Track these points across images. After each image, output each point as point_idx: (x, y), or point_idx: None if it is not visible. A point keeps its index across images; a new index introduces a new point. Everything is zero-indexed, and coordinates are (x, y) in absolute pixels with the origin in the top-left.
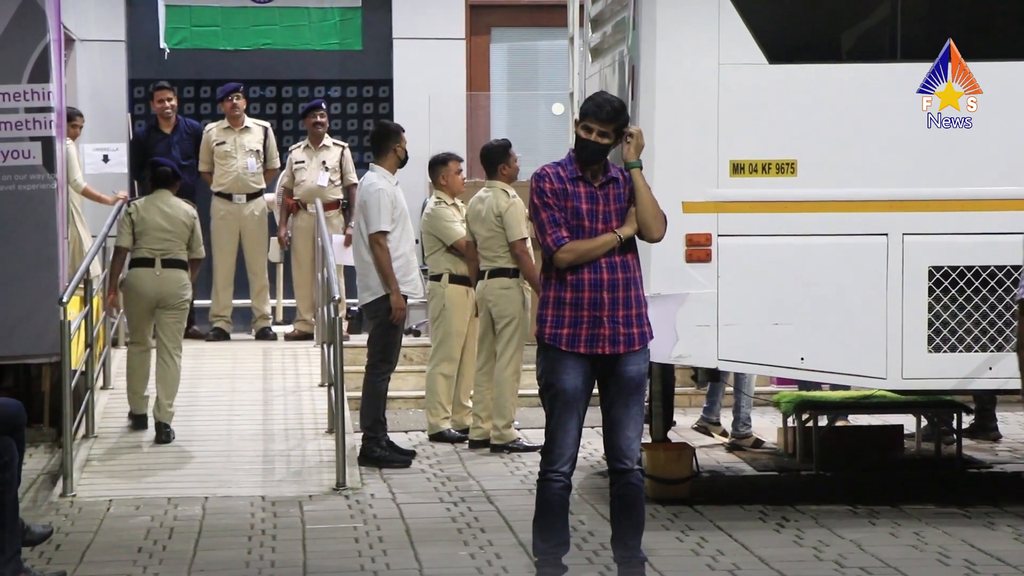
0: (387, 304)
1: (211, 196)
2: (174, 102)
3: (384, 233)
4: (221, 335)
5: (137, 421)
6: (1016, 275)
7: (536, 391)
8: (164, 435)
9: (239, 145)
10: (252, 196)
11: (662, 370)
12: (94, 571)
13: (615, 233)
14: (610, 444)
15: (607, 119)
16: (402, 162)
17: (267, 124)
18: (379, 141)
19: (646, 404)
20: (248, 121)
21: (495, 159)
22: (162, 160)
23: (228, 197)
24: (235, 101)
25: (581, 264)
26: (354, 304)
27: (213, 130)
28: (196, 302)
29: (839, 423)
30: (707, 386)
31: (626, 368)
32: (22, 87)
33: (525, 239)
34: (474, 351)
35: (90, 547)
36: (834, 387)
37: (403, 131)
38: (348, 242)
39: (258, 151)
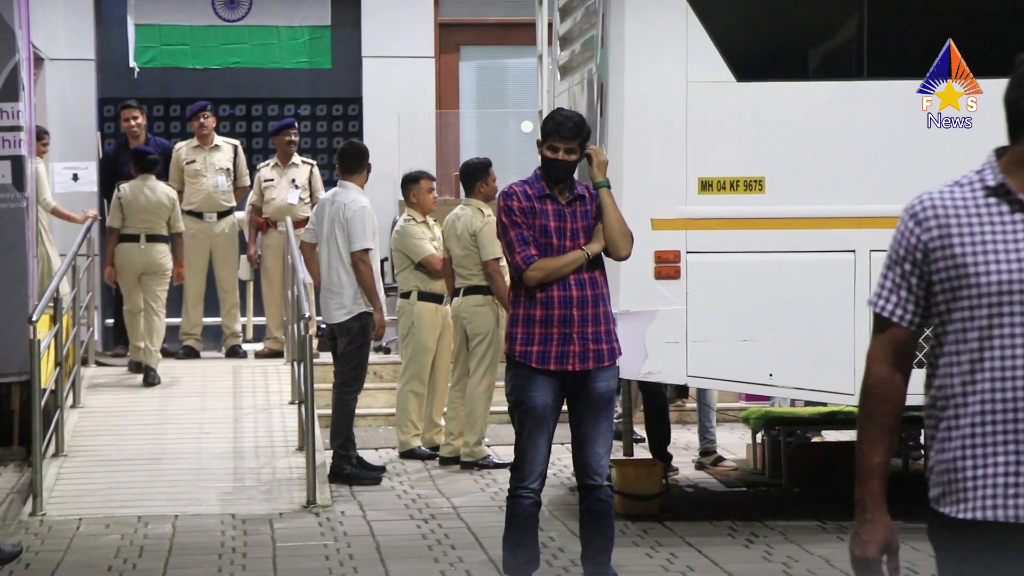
0: (361, 322)
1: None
2: (140, 120)
3: (368, 251)
4: (191, 353)
5: (137, 367)
6: None
7: (506, 408)
8: (150, 378)
9: (209, 164)
10: (223, 214)
11: (651, 387)
12: None
13: (583, 251)
14: (579, 460)
15: (571, 135)
16: None
17: (237, 142)
18: (354, 159)
19: (616, 420)
20: (218, 139)
21: (474, 176)
22: (145, 148)
23: (199, 215)
24: (203, 120)
25: (550, 282)
26: (323, 321)
27: (183, 149)
28: (175, 320)
29: (814, 439)
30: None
31: (595, 384)
32: None
33: (499, 258)
34: (446, 368)
35: (60, 566)
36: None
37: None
38: None
39: (228, 169)
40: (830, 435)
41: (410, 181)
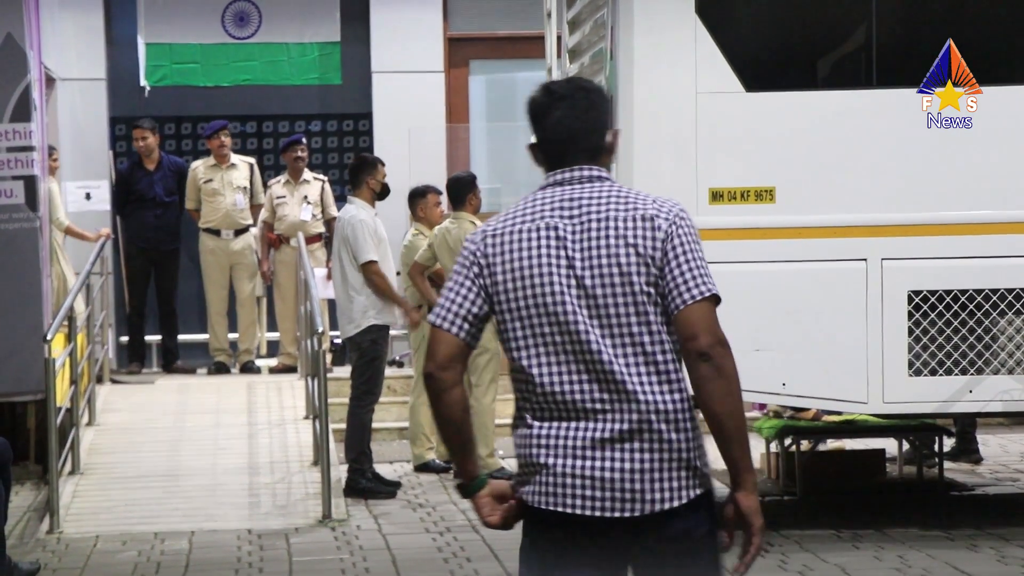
0: (371, 336)
1: (199, 232)
2: (149, 140)
3: (374, 262)
4: (222, 368)
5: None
6: (995, 298)
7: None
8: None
9: (226, 182)
10: (240, 232)
11: None
12: None
13: None
14: None
15: None
16: (380, 194)
17: (252, 160)
18: (354, 174)
19: None
20: (234, 158)
21: (465, 190)
22: None
23: (216, 233)
24: (223, 139)
25: None
26: (337, 337)
27: (200, 168)
28: (189, 336)
29: (832, 446)
30: None
31: None
32: (3, 126)
33: None
34: None
35: None
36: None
37: (381, 163)
38: (331, 275)
39: (245, 187)
40: (843, 444)
41: (417, 195)
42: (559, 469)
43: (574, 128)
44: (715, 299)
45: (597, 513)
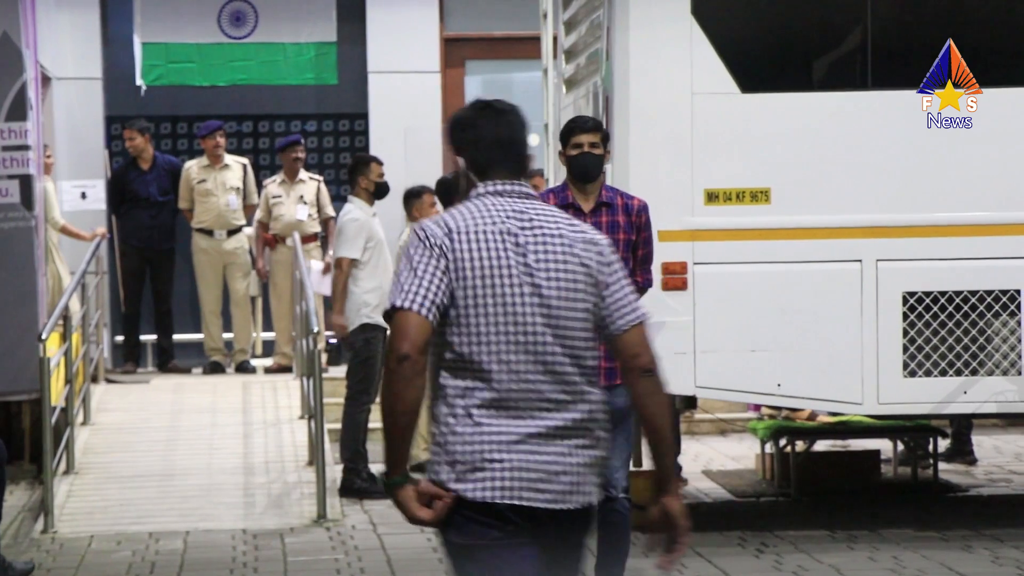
0: (365, 335)
1: (191, 232)
2: (136, 141)
3: (351, 260)
4: (217, 368)
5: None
6: (989, 300)
7: None
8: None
9: (220, 183)
10: (233, 232)
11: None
12: None
13: None
14: None
15: (592, 128)
16: (376, 193)
17: (246, 161)
18: (350, 174)
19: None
20: (228, 158)
21: (453, 191)
22: None
23: (209, 233)
24: (218, 139)
25: None
26: (332, 336)
27: (193, 168)
28: (185, 336)
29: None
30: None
31: (611, 400)
32: None
33: None
34: None
35: None
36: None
37: (374, 162)
38: (327, 269)
39: (238, 188)
40: (838, 444)
41: (412, 196)
42: (514, 464)
43: (511, 141)
44: (647, 321)
45: (549, 505)
